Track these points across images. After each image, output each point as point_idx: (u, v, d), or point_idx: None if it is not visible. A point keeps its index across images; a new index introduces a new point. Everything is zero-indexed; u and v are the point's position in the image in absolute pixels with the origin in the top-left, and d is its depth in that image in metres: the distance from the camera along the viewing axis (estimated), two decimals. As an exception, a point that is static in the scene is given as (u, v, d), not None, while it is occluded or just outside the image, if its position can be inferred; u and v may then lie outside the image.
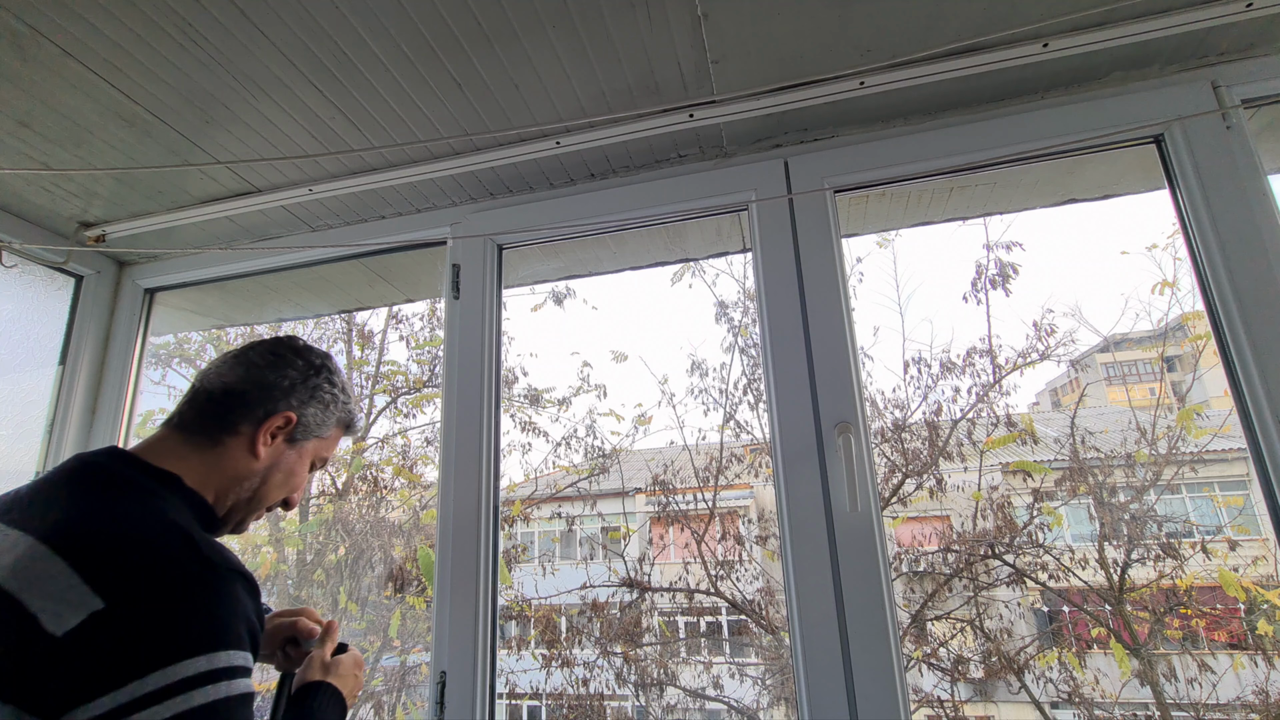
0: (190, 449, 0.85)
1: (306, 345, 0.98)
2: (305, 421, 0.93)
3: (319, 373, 0.96)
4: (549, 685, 5.73)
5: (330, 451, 1.01)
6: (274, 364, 0.92)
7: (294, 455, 0.93)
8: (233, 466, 0.87)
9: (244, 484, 0.88)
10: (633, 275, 6.48)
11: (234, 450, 0.87)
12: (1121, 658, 4.82)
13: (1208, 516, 6.04)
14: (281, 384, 0.91)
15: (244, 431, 0.87)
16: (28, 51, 1.16)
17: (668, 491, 6.01)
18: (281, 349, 0.95)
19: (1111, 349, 7.14)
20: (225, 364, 0.92)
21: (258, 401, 0.89)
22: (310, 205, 1.67)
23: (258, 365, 0.91)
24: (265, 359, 0.92)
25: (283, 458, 0.92)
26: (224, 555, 0.72)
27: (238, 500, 0.89)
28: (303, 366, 0.95)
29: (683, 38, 1.20)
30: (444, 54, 1.21)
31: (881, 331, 10.18)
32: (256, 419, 0.88)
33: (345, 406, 1.00)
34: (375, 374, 6.62)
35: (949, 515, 5.78)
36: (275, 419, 0.89)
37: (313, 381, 0.95)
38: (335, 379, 0.98)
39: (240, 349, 0.94)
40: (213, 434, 0.86)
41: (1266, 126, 1.45)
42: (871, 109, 1.40)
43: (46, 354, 1.80)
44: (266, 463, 0.90)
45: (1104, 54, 1.26)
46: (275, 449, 0.90)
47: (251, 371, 0.91)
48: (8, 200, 1.63)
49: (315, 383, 0.95)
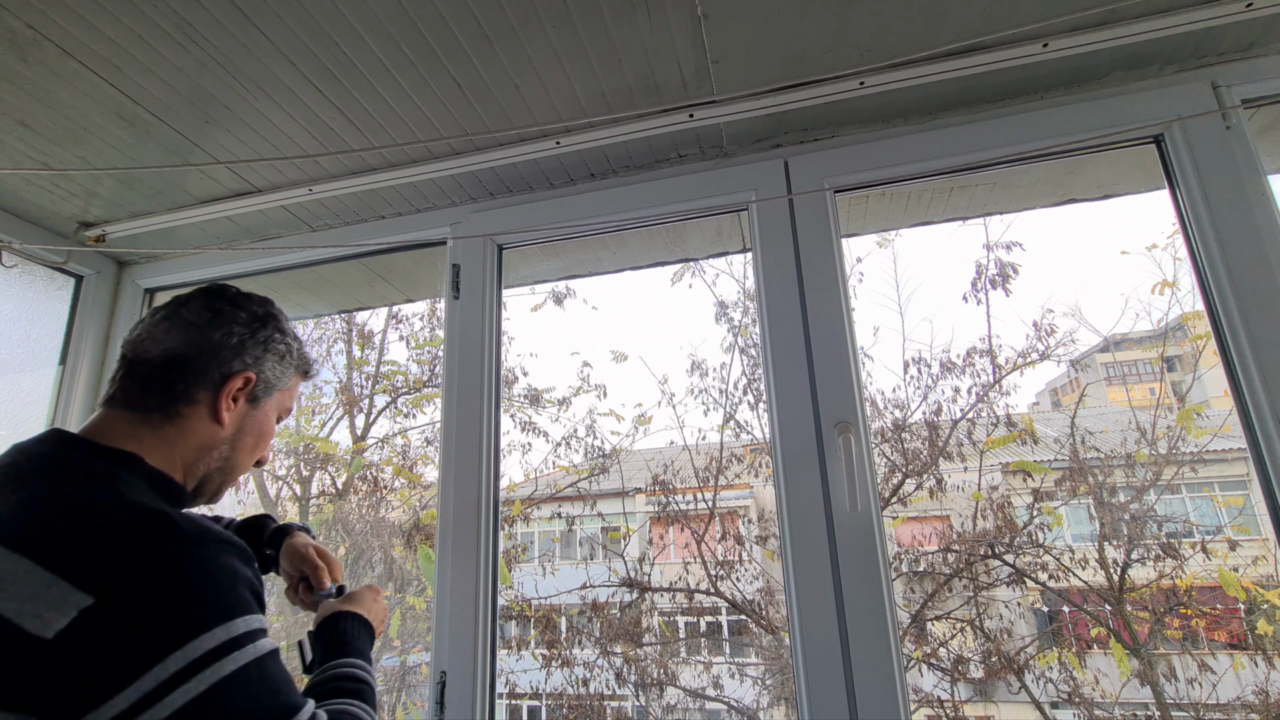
0: (144, 427, 0.77)
1: (241, 293, 0.89)
2: (265, 378, 0.86)
3: (265, 322, 0.88)
4: (549, 685, 5.73)
5: (292, 401, 0.95)
6: (214, 320, 0.83)
7: (259, 415, 0.88)
8: (197, 438, 0.81)
9: (213, 453, 0.83)
10: (633, 275, 6.48)
11: (194, 421, 0.80)
12: (1121, 658, 4.82)
13: (1208, 516, 6.04)
14: (229, 342, 0.83)
15: (201, 399, 0.81)
16: (28, 51, 1.16)
17: (668, 491, 6.01)
18: (217, 302, 0.86)
19: (1111, 349, 7.14)
20: (157, 328, 0.82)
21: (207, 365, 0.81)
22: (310, 205, 1.67)
23: (196, 325, 0.82)
24: (202, 316, 0.83)
25: (248, 419, 0.86)
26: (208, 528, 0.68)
27: (209, 471, 0.83)
28: (246, 319, 0.86)
29: (683, 38, 1.20)
30: (444, 54, 1.21)
31: (881, 331, 10.18)
32: (213, 384, 0.81)
33: (300, 353, 0.94)
34: (375, 374, 6.63)
35: (949, 515, 5.78)
36: (234, 381, 0.82)
37: (262, 334, 0.87)
38: (284, 325, 0.91)
39: (167, 308, 0.85)
40: (165, 407, 0.78)
41: (1266, 126, 1.45)
42: (871, 109, 1.40)
43: (46, 354, 1.80)
44: (233, 428, 0.84)
45: (1104, 54, 1.26)
46: (239, 412, 0.84)
47: (191, 332, 0.82)
48: (8, 200, 1.63)
49: (265, 334, 0.87)
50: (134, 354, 0.81)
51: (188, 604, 0.61)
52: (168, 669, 0.57)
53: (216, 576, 0.64)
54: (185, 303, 0.85)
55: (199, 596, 0.62)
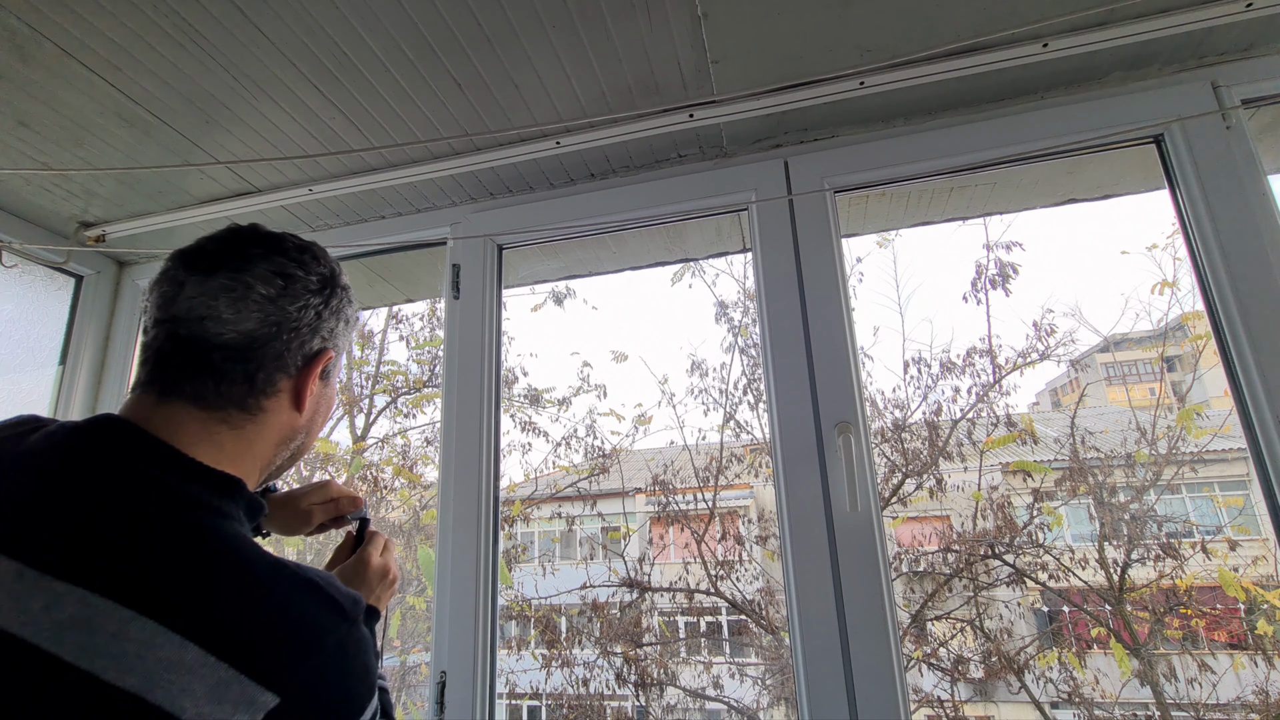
0: (224, 427, 0.66)
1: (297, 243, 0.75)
2: (339, 349, 0.76)
3: (336, 283, 0.76)
4: (549, 685, 5.73)
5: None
6: (287, 290, 0.69)
7: (330, 390, 0.78)
8: (279, 431, 0.71)
9: (290, 445, 0.73)
10: (633, 275, 6.48)
11: (276, 412, 0.70)
12: (1121, 658, 4.82)
13: (1208, 516, 6.04)
14: (306, 316, 0.70)
15: (284, 388, 0.70)
16: (28, 51, 1.16)
17: (668, 491, 6.01)
18: (285, 265, 0.70)
19: (1111, 349, 7.14)
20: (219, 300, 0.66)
21: (288, 347, 0.69)
22: (310, 205, 1.67)
23: (270, 298, 0.68)
24: (274, 286, 0.69)
25: (323, 398, 0.76)
26: (354, 596, 0.61)
27: (276, 466, 0.74)
28: (318, 284, 0.73)
29: (683, 38, 1.20)
30: (444, 54, 1.21)
31: (881, 331, 10.19)
32: (295, 368, 0.70)
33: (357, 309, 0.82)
34: (375, 374, 6.63)
35: (949, 515, 5.78)
36: (317, 363, 0.72)
37: (334, 301, 0.74)
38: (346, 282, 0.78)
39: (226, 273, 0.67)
40: (247, 403, 0.67)
41: (1266, 126, 1.45)
42: (871, 109, 1.40)
43: (46, 354, 1.80)
44: (310, 413, 0.74)
45: (1104, 54, 1.26)
46: (316, 394, 0.74)
47: (267, 309, 0.68)
48: (8, 200, 1.63)
49: (336, 302, 0.75)
50: (194, 335, 0.66)
51: (358, 685, 0.58)
52: None
53: (368, 650, 0.61)
54: (244, 266, 0.68)
55: (363, 676, 0.59)
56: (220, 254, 0.69)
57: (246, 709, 0.49)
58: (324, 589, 0.59)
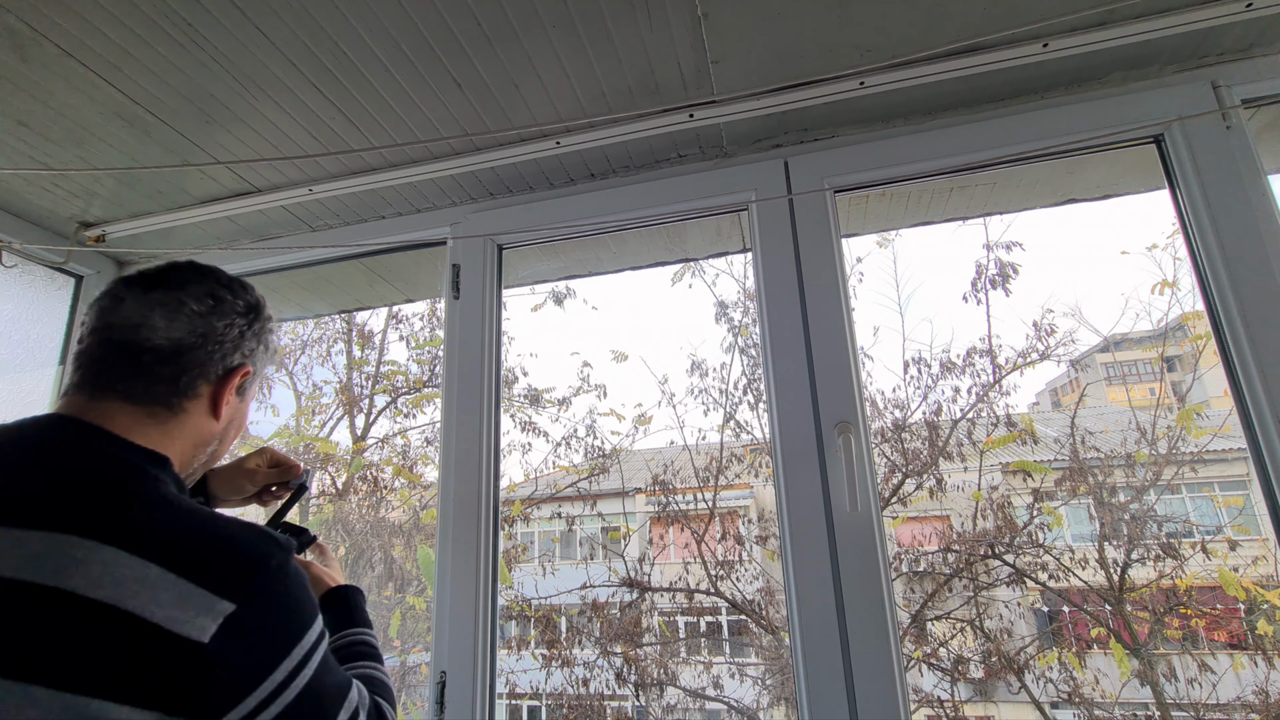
0: (151, 421, 0.74)
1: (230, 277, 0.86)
2: (256, 369, 0.86)
3: (259, 310, 0.87)
4: (549, 685, 5.73)
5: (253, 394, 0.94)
6: (216, 309, 0.80)
7: (244, 407, 0.88)
8: (198, 433, 0.79)
9: (206, 450, 0.82)
10: (633, 275, 6.48)
11: (196, 415, 0.78)
12: (1121, 658, 4.82)
13: (1208, 516, 6.04)
14: (231, 333, 0.81)
15: (203, 393, 0.79)
16: (28, 51, 1.16)
17: (668, 491, 6.01)
18: (216, 289, 0.82)
19: (1111, 349, 7.14)
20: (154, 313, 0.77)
21: (211, 357, 0.79)
22: (310, 205, 1.67)
23: (200, 313, 0.79)
24: (205, 304, 0.80)
25: (237, 411, 0.85)
26: (283, 538, 0.70)
27: (196, 466, 0.82)
28: (244, 308, 0.84)
29: (683, 38, 1.20)
30: (444, 54, 1.21)
31: (881, 331, 10.19)
32: (216, 376, 0.80)
33: (276, 338, 0.93)
34: (375, 374, 6.63)
35: (949, 515, 5.78)
36: (235, 376, 0.81)
37: (256, 325, 0.85)
38: (270, 313, 0.90)
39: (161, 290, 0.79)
40: (170, 402, 0.76)
41: (1266, 126, 1.45)
42: (871, 109, 1.40)
43: (46, 354, 1.80)
44: (225, 421, 0.82)
45: (1104, 54, 1.26)
46: (232, 405, 0.83)
47: (195, 322, 0.78)
48: (8, 200, 1.63)
49: (259, 324, 0.86)
50: (127, 340, 0.75)
51: (299, 604, 0.68)
52: (292, 660, 0.64)
53: (303, 578, 0.70)
54: (184, 286, 0.80)
55: (304, 596, 0.69)
56: (159, 276, 0.81)
57: (208, 613, 0.59)
58: (260, 527, 0.69)
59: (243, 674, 0.61)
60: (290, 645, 0.65)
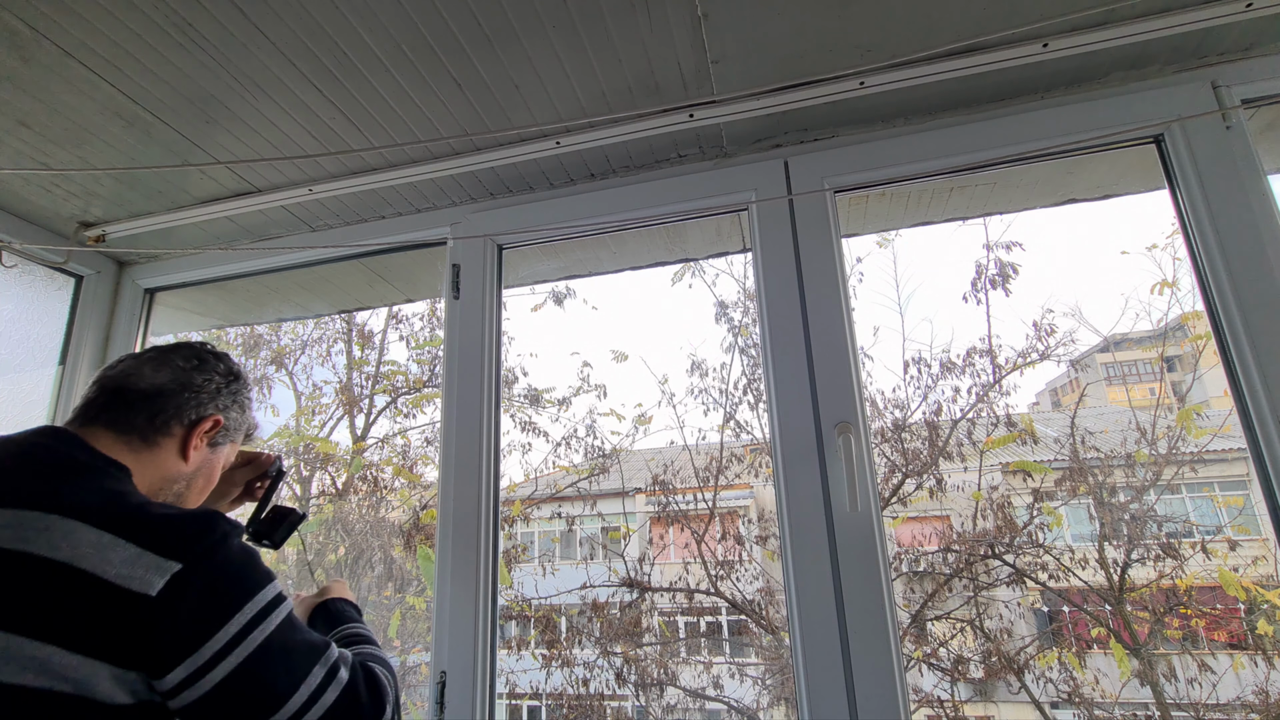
0: (125, 448, 0.85)
1: (221, 351, 1.02)
2: (228, 425, 0.97)
3: (238, 378, 1.00)
4: (549, 685, 5.73)
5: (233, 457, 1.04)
6: (199, 367, 0.95)
7: (215, 459, 0.97)
8: (165, 468, 0.89)
9: (173, 487, 0.91)
10: (633, 275, 6.48)
11: (166, 451, 0.89)
12: (1121, 658, 4.82)
13: (1208, 516, 6.04)
14: (209, 387, 0.94)
15: (175, 433, 0.90)
16: (28, 51, 1.16)
17: (668, 491, 6.01)
18: (203, 353, 0.98)
19: (1111, 349, 7.14)
20: (145, 365, 0.92)
21: (187, 403, 0.91)
22: (310, 205, 1.67)
23: (183, 368, 0.93)
24: (190, 361, 0.95)
25: (206, 461, 0.95)
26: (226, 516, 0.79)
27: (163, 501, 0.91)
28: (224, 371, 0.98)
29: (683, 38, 1.20)
30: (444, 54, 1.21)
31: (881, 331, 10.20)
32: (188, 421, 0.91)
33: (253, 414, 1.06)
34: (375, 374, 6.63)
35: (949, 515, 5.78)
36: (206, 422, 0.93)
37: (234, 385, 0.98)
38: (249, 384, 1.04)
39: (158, 351, 0.96)
40: (146, 434, 0.87)
41: (1266, 126, 1.45)
42: (871, 109, 1.40)
43: (46, 354, 1.80)
44: (194, 466, 0.92)
45: (1104, 54, 1.26)
46: (202, 452, 0.94)
47: (178, 373, 0.92)
48: (8, 200, 1.63)
49: (236, 387, 0.99)
50: (119, 385, 0.89)
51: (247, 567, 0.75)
52: (245, 615, 0.71)
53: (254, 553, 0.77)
54: (172, 350, 0.96)
55: (254, 562, 0.76)
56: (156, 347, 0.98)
57: (156, 571, 0.67)
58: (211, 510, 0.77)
59: (190, 626, 0.67)
60: (241, 601, 0.71)
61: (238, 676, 0.68)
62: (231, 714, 0.69)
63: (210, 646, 0.67)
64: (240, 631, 0.69)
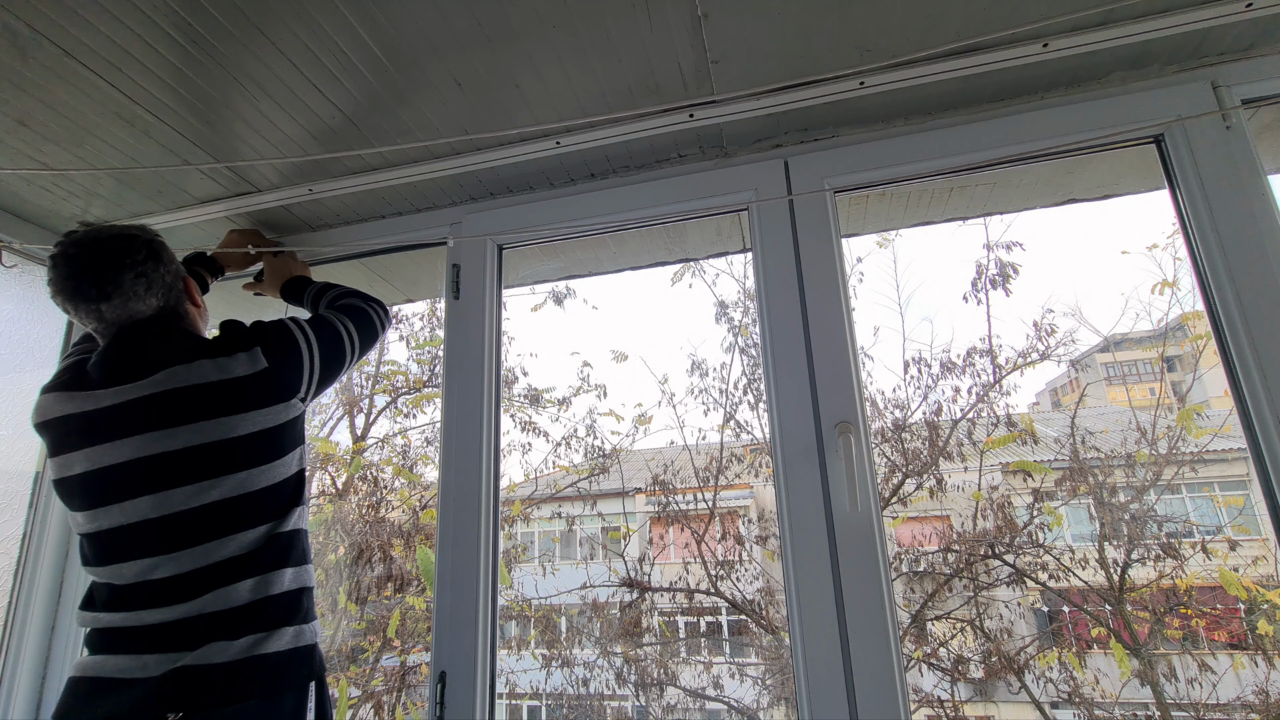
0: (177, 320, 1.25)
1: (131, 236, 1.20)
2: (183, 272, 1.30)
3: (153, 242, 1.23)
4: (549, 685, 5.73)
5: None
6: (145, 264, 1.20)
7: (198, 296, 1.34)
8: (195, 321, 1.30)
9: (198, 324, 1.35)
10: (633, 275, 6.48)
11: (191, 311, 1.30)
12: (1121, 658, 4.83)
13: (1208, 516, 6.04)
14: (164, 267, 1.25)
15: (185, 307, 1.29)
16: (28, 51, 1.16)
17: (668, 491, 6.02)
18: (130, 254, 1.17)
19: (1111, 349, 7.14)
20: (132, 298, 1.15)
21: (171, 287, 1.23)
22: (310, 205, 1.67)
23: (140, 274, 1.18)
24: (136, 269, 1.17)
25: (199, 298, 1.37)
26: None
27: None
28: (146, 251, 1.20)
29: (683, 38, 1.20)
30: (444, 54, 1.21)
31: (881, 331, 10.21)
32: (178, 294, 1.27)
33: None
34: (375, 374, 6.63)
35: (949, 515, 5.78)
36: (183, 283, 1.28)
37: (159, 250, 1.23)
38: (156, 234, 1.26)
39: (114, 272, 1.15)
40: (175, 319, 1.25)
41: (1266, 126, 1.45)
42: (871, 109, 1.40)
43: (46, 354, 1.80)
44: (201, 304, 1.34)
45: (1104, 54, 1.26)
46: (197, 295, 1.33)
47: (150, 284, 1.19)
48: (8, 200, 1.62)
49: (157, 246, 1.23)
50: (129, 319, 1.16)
51: (277, 325, 1.23)
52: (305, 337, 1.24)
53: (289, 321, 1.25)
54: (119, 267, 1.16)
55: (271, 323, 1.23)
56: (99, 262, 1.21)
57: (252, 365, 1.13)
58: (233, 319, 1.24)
59: (286, 366, 1.17)
60: (293, 336, 1.22)
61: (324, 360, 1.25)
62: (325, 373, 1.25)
63: (308, 364, 1.22)
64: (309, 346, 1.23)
